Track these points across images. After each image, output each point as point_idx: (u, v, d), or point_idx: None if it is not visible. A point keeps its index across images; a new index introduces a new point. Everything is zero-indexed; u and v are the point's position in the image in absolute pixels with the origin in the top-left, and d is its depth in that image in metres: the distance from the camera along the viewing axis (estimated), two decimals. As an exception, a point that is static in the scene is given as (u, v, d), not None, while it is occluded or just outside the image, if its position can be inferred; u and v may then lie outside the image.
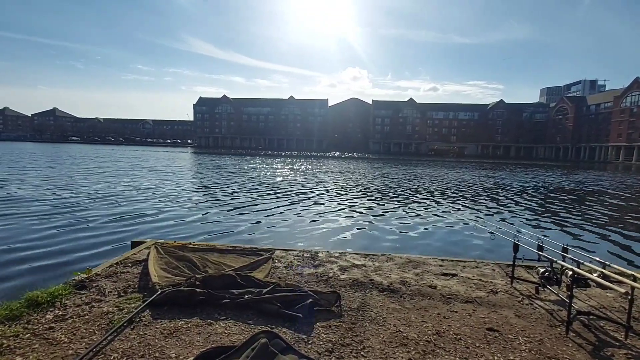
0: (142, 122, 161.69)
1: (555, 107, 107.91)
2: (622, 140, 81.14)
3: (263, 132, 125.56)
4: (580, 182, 25.02)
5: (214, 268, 4.04)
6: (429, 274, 4.22)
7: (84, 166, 25.51)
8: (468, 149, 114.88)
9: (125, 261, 4.28)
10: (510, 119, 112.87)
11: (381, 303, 3.36)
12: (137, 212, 9.86)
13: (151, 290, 3.32)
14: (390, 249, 6.80)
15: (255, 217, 9.68)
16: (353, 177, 23.76)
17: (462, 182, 22.11)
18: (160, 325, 2.77)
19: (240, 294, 3.21)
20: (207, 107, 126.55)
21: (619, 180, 29.00)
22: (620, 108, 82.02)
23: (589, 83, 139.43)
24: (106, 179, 17.84)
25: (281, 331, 2.73)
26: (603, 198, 16.54)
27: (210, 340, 2.57)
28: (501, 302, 3.47)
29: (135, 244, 5.16)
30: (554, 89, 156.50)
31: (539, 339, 2.78)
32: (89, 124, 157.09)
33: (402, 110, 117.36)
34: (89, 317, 2.88)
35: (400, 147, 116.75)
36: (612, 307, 3.40)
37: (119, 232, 7.69)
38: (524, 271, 4.33)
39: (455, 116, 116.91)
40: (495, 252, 6.90)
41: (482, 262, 4.74)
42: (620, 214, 12.57)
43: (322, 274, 4.08)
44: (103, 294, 3.32)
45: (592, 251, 7.19)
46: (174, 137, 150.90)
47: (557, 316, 3.19)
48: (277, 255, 4.73)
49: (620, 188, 22.00)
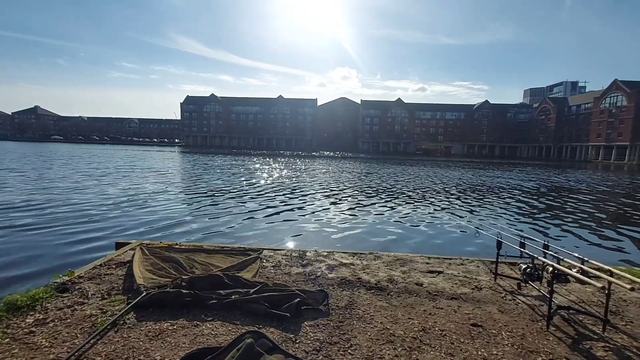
0: (127, 120, 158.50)
1: (538, 107, 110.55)
2: (601, 140, 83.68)
3: (252, 131, 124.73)
4: (562, 181, 25.70)
5: (201, 269, 4.01)
6: (416, 272, 4.27)
7: (66, 165, 24.86)
8: (455, 149, 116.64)
9: (109, 263, 4.19)
10: (495, 119, 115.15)
11: (369, 301, 3.39)
12: (122, 212, 9.67)
13: (136, 292, 3.27)
14: (378, 248, 6.85)
15: (244, 217, 9.62)
16: (342, 176, 23.83)
17: (450, 181, 22.43)
18: (145, 328, 2.73)
19: (227, 295, 3.19)
20: (195, 105, 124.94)
21: (598, 178, 29.90)
22: (600, 109, 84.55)
23: (570, 84, 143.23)
24: (89, 178, 17.43)
25: (269, 331, 2.73)
26: (583, 196, 17.03)
27: (197, 342, 2.55)
28: (485, 298, 3.55)
29: (120, 245, 5.07)
30: (537, 90, 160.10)
31: (521, 333, 2.86)
32: (72, 122, 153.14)
33: (391, 110, 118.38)
34: (71, 320, 2.82)
35: (389, 147, 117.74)
36: (591, 302, 3.51)
37: (103, 233, 7.53)
38: (507, 268, 4.43)
39: (443, 116, 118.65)
40: (480, 249, 7.04)
41: (467, 260, 4.83)
42: (599, 211, 12.96)
43: (310, 273, 4.09)
44: (86, 297, 3.25)
45: (573, 247, 7.40)
46: (161, 136, 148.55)
47: (538, 311, 3.28)
48: (265, 255, 4.72)
49: (598, 186, 22.69)
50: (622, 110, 78.72)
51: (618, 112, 79.70)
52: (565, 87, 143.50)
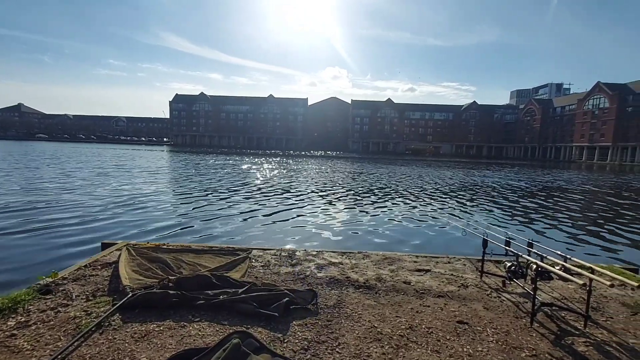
0: (115, 119, 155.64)
1: (524, 108, 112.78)
2: (584, 141, 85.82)
3: (242, 130, 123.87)
4: (547, 180, 26.26)
5: (189, 269, 3.97)
6: (404, 270, 4.32)
7: (50, 165, 24.27)
8: (443, 149, 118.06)
9: (94, 263, 4.12)
10: (482, 120, 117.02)
11: (357, 300, 3.41)
12: (109, 213, 9.50)
13: (122, 293, 3.22)
14: (367, 247, 6.89)
15: (233, 217, 9.55)
16: (333, 175, 23.87)
17: (440, 180, 22.68)
18: (131, 329, 2.69)
19: (215, 295, 3.17)
20: (184, 104, 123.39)
21: (581, 178, 30.66)
22: (583, 110, 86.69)
23: (555, 86, 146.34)
24: (75, 179, 17.06)
25: (257, 331, 2.72)
26: (566, 195, 17.44)
27: (184, 343, 2.53)
28: (471, 296, 3.61)
29: (106, 246, 4.99)
30: (523, 92, 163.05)
31: (505, 330, 2.91)
32: (57, 120, 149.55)
33: (381, 110, 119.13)
34: (55, 322, 2.76)
35: (379, 147, 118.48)
36: (573, 298, 3.61)
37: (89, 234, 7.38)
38: (493, 265, 4.52)
39: (431, 116, 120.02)
40: (467, 247, 7.14)
41: (454, 258, 4.90)
42: (582, 209, 13.30)
43: (299, 273, 4.09)
44: (70, 298, 3.19)
45: (556, 245, 7.57)
46: (150, 135, 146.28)
47: (522, 308, 3.35)
48: (254, 254, 4.70)
49: (581, 185, 23.27)
50: (604, 111, 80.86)
51: (601, 114, 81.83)
52: (550, 88, 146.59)
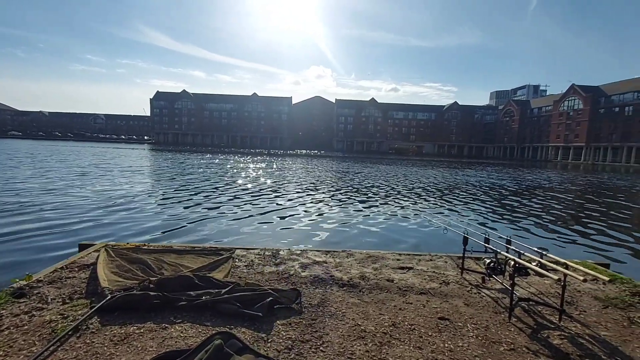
0: (93, 116, 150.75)
1: (503, 109, 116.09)
2: (560, 141, 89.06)
3: (226, 129, 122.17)
4: (524, 179, 27.10)
5: (171, 270, 3.89)
6: (387, 268, 4.37)
7: (24, 163, 23.29)
8: (426, 148, 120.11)
9: (71, 265, 3.99)
10: (463, 120, 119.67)
11: (341, 298, 3.43)
12: (86, 213, 9.20)
13: (100, 296, 3.13)
14: (351, 245, 6.94)
15: (216, 216, 9.42)
16: (317, 174, 23.89)
17: (422, 179, 23.05)
18: (110, 332, 2.62)
19: (197, 295, 3.12)
20: (165, 101, 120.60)
21: (557, 177, 31.79)
22: (559, 111, 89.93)
23: (532, 88, 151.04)
24: (51, 178, 16.44)
25: (240, 331, 2.70)
26: (542, 193, 18.05)
27: (165, 345, 2.48)
28: (452, 292, 3.69)
29: (83, 247, 4.83)
30: (502, 93, 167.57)
31: (485, 325, 2.99)
32: (32, 117, 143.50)
33: (365, 109, 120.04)
34: (29, 327, 2.66)
35: (363, 146, 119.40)
36: (549, 293, 3.74)
37: (65, 235, 7.13)
38: (473, 262, 4.63)
39: (414, 116, 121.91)
40: (448, 245, 7.29)
41: (436, 255, 4.99)
42: (557, 207, 13.79)
43: (283, 272, 4.08)
44: (45, 302, 3.08)
45: (533, 242, 7.83)
46: (130, 132, 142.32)
47: (501, 303, 3.45)
48: (237, 254, 4.65)
49: (558, 184, 24.13)
50: (578, 113, 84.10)
51: (575, 115, 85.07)
52: (528, 90, 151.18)
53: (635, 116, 71.68)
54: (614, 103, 77.65)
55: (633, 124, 71.84)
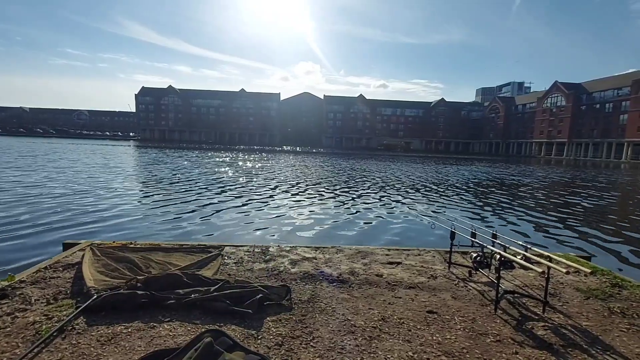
0: (76, 112, 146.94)
1: (489, 106, 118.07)
2: (543, 137, 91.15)
3: (214, 125, 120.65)
4: (509, 175, 27.66)
5: (159, 268, 3.84)
6: (376, 264, 4.41)
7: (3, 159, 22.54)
8: (414, 144, 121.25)
9: (55, 265, 3.89)
10: (450, 116, 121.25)
11: (331, 294, 3.45)
12: (70, 211, 8.98)
13: (86, 295, 3.07)
14: (341, 241, 6.97)
15: (204, 213, 9.33)
16: (307, 171, 23.86)
17: (411, 175, 23.27)
18: (96, 332, 2.57)
19: (186, 294, 3.09)
20: (151, 97, 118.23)
21: (541, 172, 32.55)
22: (542, 108, 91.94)
23: (517, 85, 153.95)
24: (33, 175, 15.97)
25: (230, 328, 2.69)
26: (528, 188, 18.48)
27: (154, 344, 2.45)
28: (440, 286, 3.75)
29: (68, 246, 4.72)
30: (488, 90, 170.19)
31: (472, 317, 3.06)
32: (11, 113, 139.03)
33: (354, 105, 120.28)
34: (12, 329, 2.59)
35: (352, 142, 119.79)
36: (533, 285, 3.84)
37: (49, 234, 6.96)
38: (460, 256, 4.71)
39: (403, 113, 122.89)
40: (436, 240, 7.41)
41: (424, 250, 5.06)
42: (542, 202, 14.13)
43: (273, 269, 4.07)
44: (28, 303, 3.00)
45: (518, 236, 8.01)
46: (115, 129, 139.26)
47: (487, 296, 3.52)
48: (226, 251, 4.62)
49: (541, 179, 24.71)
50: (561, 109, 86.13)
51: (558, 112, 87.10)
52: (513, 87, 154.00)
53: (615, 113, 73.86)
54: (595, 100, 79.78)
55: (612, 121, 74.03)
